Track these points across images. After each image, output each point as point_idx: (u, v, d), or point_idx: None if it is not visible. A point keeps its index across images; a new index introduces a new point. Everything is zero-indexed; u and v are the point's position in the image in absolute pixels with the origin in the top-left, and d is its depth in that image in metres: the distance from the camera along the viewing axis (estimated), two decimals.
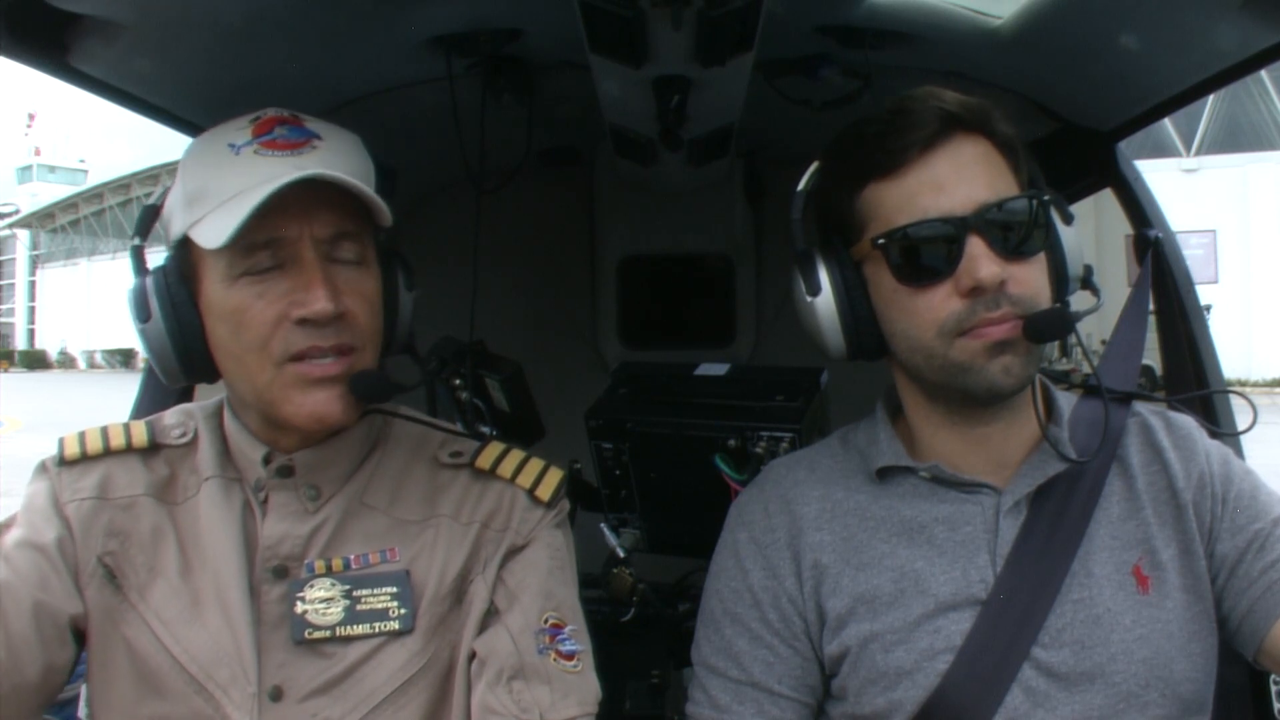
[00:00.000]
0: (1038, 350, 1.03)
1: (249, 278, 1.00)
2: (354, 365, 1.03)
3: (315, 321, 0.99)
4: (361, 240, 1.04)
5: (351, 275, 1.03)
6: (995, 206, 1.00)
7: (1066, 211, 1.08)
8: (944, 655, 1.02)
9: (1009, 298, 1.00)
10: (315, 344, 1.00)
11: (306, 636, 1.03)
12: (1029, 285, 1.01)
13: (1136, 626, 1.02)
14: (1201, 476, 1.08)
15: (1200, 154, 23.46)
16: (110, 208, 50.07)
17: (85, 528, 1.06)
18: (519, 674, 1.03)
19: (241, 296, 1.00)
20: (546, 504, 1.12)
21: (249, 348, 1.01)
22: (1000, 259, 1.00)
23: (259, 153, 1.00)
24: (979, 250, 0.99)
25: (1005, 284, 1.00)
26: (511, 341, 1.88)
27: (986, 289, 0.99)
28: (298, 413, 1.01)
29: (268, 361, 1.01)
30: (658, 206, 2.43)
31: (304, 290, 0.99)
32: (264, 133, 1.02)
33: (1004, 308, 1.00)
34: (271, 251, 1.00)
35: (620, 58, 1.42)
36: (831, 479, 1.13)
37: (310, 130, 1.04)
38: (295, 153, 1.01)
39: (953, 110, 1.03)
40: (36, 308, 61.82)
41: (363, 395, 1.03)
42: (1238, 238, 22.70)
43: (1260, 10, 1.21)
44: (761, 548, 1.11)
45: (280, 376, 1.01)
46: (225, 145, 1.02)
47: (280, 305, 1.00)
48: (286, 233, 1.00)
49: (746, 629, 1.10)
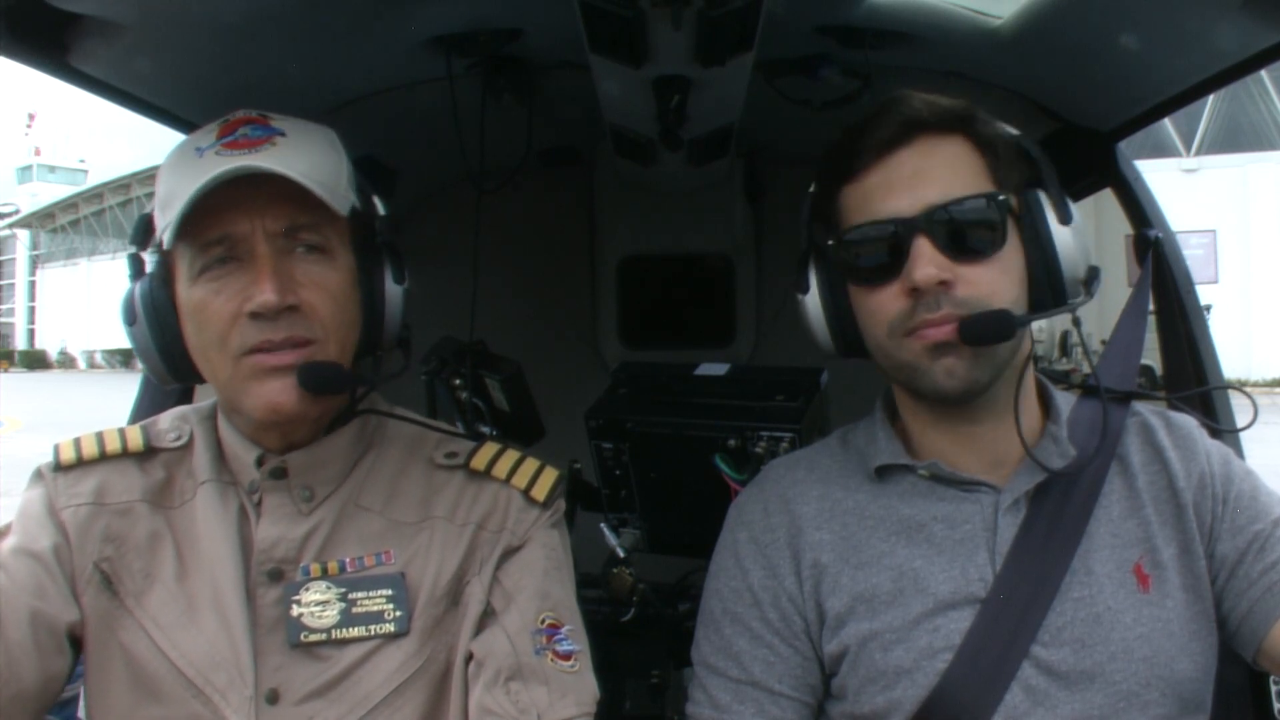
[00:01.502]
0: (989, 353, 1.02)
1: (207, 274, 1.01)
2: (311, 356, 1.02)
3: (264, 315, 0.99)
4: (323, 231, 1.04)
5: (311, 267, 1.03)
6: (942, 207, 1.01)
7: (1064, 211, 1.06)
8: (943, 654, 1.02)
9: (952, 299, 1.00)
10: (267, 337, 1.00)
11: (302, 639, 1.03)
12: (980, 287, 1.01)
13: (1137, 625, 1.02)
14: (1202, 476, 1.08)
15: (1200, 154, 23.46)
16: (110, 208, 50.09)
17: (81, 534, 1.06)
18: (516, 674, 1.03)
19: (202, 294, 1.01)
20: (542, 504, 1.12)
21: (210, 344, 1.02)
22: (948, 260, 1.00)
23: (219, 153, 1.01)
24: (922, 251, 1.01)
25: (951, 286, 1.00)
26: (511, 341, 1.88)
27: (924, 290, 1.00)
28: (255, 404, 1.02)
29: (227, 356, 1.01)
30: (658, 206, 2.43)
31: (254, 284, 1.00)
32: (228, 134, 1.03)
33: (944, 309, 1.01)
34: (226, 247, 1.01)
35: (620, 58, 1.42)
36: (831, 478, 1.13)
37: (274, 128, 1.04)
38: (251, 151, 1.01)
39: (913, 114, 1.04)
40: (36, 308, 61.82)
41: (311, 387, 1.02)
42: (1238, 238, 22.70)
43: (1260, 10, 1.21)
44: (761, 547, 1.11)
45: (239, 370, 1.01)
46: (193, 149, 1.03)
47: (236, 300, 1.00)
48: (237, 228, 1.00)
49: (746, 628, 1.10)
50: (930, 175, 1.03)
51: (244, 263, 1.01)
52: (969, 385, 1.02)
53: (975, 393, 1.04)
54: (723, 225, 2.49)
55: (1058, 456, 1.06)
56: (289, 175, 0.98)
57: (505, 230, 2.03)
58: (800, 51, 1.65)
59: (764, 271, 2.55)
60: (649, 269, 2.57)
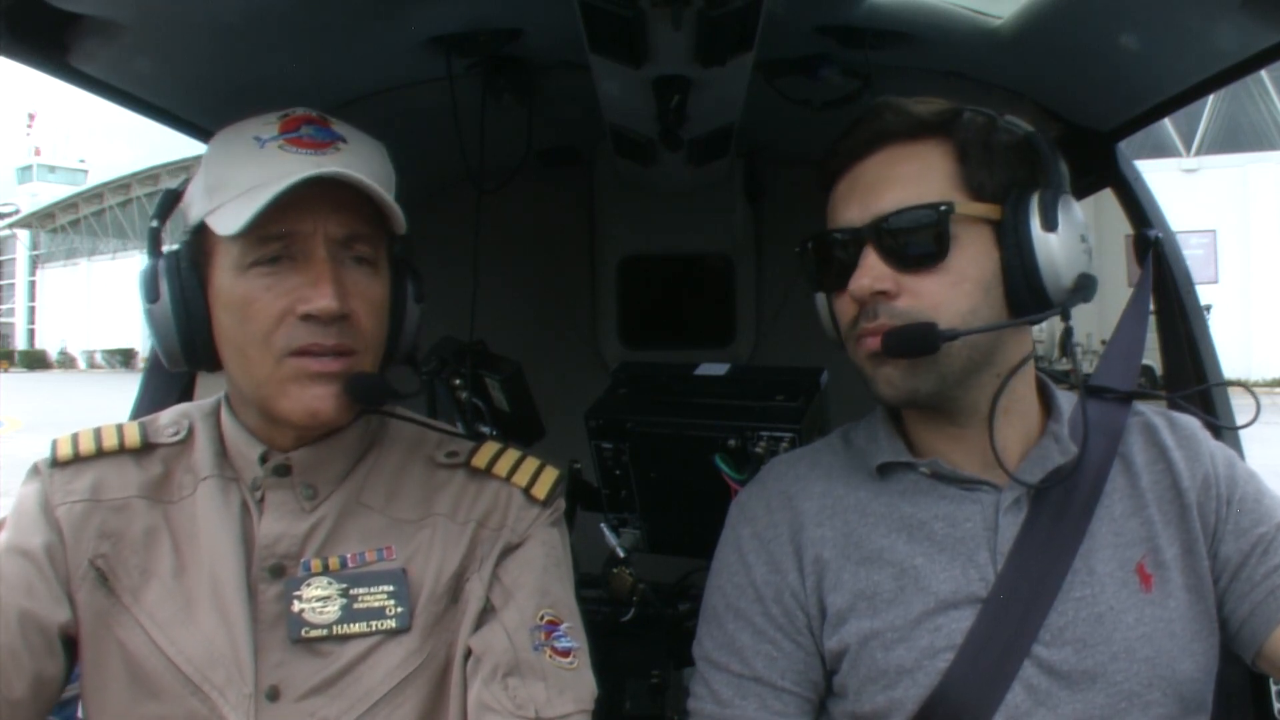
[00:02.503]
0: (928, 363, 1.02)
1: (259, 268, 1.01)
2: (352, 367, 1.03)
3: (319, 319, 1.00)
4: (374, 244, 1.05)
5: (361, 278, 1.03)
6: (890, 217, 1.02)
7: (1050, 217, 1.01)
8: (945, 654, 1.02)
9: (890, 310, 1.02)
10: (317, 341, 1.00)
11: (303, 635, 1.03)
12: (923, 298, 1.01)
13: (1139, 625, 1.02)
14: (1206, 477, 1.08)
15: (1200, 154, 23.46)
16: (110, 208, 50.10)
17: (77, 531, 1.06)
18: (514, 670, 1.03)
19: (250, 287, 1.01)
20: (542, 502, 1.12)
21: (252, 339, 1.01)
22: (892, 270, 1.02)
23: (283, 148, 1.01)
24: (867, 260, 1.03)
25: (894, 296, 1.02)
26: (511, 341, 1.88)
27: (861, 300, 1.03)
28: (294, 407, 1.02)
29: (269, 354, 1.01)
30: (658, 206, 2.43)
31: (311, 286, 0.99)
32: (290, 130, 1.02)
33: (880, 319, 1.02)
34: (284, 244, 1.00)
35: (620, 58, 1.43)
36: (833, 475, 1.13)
37: (336, 132, 1.04)
38: (318, 152, 1.01)
39: (881, 125, 1.05)
40: (36, 308, 61.81)
41: (358, 398, 1.03)
42: (1238, 238, 22.70)
43: (1260, 10, 1.21)
44: (764, 543, 1.11)
45: (280, 370, 1.01)
46: (251, 139, 1.02)
47: (287, 299, 1.00)
48: (301, 228, 1.00)
49: (749, 623, 1.09)
50: (888, 184, 1.04)
51: (298, 263, 1.01)
52: (908, 395, 1.04)
53: (918, 402, 1.05)
54: (723, 225, 2.49)
55: (1059, 454, 1.06)
56: (370, 185, 0.99)
57: (505, 230, 2.03)
58: (800, 51, 1.65)
59: (764, 271, 2.55)
60: (649, 269, 2.57)
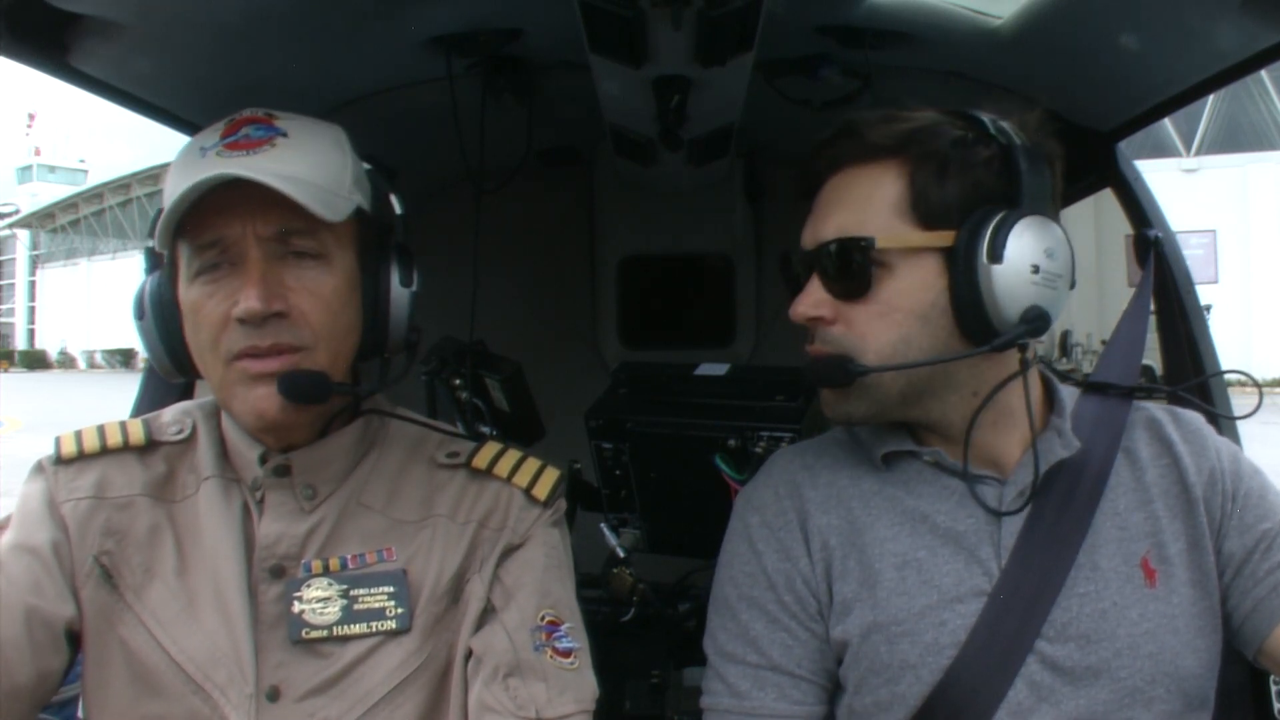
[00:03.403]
0: (859, 389, 1.04)
1: (202, 276, 1.01)
2: (298, 364, 1.01)
3: (250, 321, 0.99)
4: (318, 236, 1.02)
5: (305, 273, 1.02)
6: (824, 245, 1.05)
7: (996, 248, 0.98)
8: (949, 649, 1.02)
9: (823, 336, 1.06)
10: (253, 343, 1.00)
11: (304, 636, 1.03)
12: (854, 327, 1.04)
13: (1143, 621, 1.02)
14: (1212, 472, 1.08)
15: (1200, 154, 23.46)
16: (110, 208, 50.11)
17: (81, 528, 1.06)
18: (515, 671, 1.03)
19: (197, 295, 1.02)
20: (543, 503, 1.12)
21: (204, 345, 1.02)
22: (831, 298, 1.05)
23: (220, 154, 1.00)
24: (811, 285, 1.06)
25: (830, 322, 1.05)
26: (511, 341, 1.88)
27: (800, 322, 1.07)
28: (243, 409, 1.02)
29: (218, 360, 1.01)
30: (658, 206, 2.43)
31: (241, 290, 1.00)
32: (231, 133, 1.02)
33: (815, 344, 1.07)
34: (219, 250, 1.00)
35: (620, 58, 1.43)
36: (838, 465, 1.13)
37: (277, 128, 1.03)
38: (250, 152, 1.00)
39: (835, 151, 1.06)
40: (36, 308, 61.83)
41: (292, 396, 1.01)
42: (1238, 238, 22.70)
43: (1260, 10, 1.21)
44: (774, 530, 1.11)
45: (229, 374, 1.02)
46: (198, 149, 1.03)
47: (226, 304, 1.00)
48: (229, 231, 1.00)
49: (763, 612, 1.09)
50: (837, 209, 1.05)
51: (236, 266, 1.01)
52: (844, 417, 1.08)
53: (856, 422, 1.09)
54: (723, 225, 2.49)
55: (1061, 448, 1.06)
56: (268, 183, 0.96)
57: (505, 230, 2.03)
58: (800, 51, 1.65)
59: (764, 271, 2.55)
60: (649, 269, 2.57)
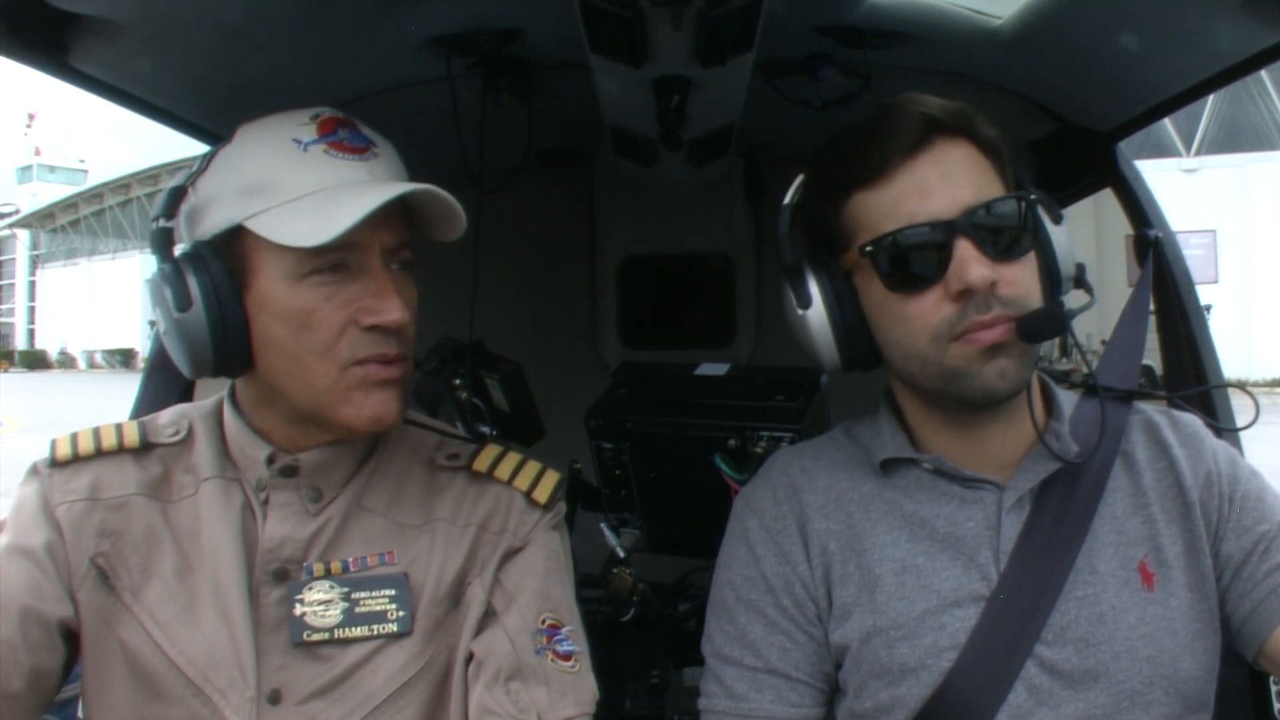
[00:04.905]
0: (1032, 351, 1.02)
1: (318, 277, 1.00)
2: (407, 371, 1.05)
3: (384, 329, 1.01)
4: (413, 249, 1.06)
5: (405, 286, 1.05)
6: (982, 209, 1.00)
7: (1055, 211, 1.08)
8: (948, 653, 1.02)
9: (1000, 299, 0.99)
10: (382, 351, 1.01)
11: (305, 639, 1.03)
12: (1019, 286, 1.01)
13: (1141, 624, 1.02)
14: (1209, 475, 1.08)
15: (1200, 154, 23.44)
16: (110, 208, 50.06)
17: (76, 530, 1.06)
18: (516, 674, 1.03)
19: (309, 297, 1.00)
20: (544, 506, 1.12)
21: (312, 349, 1.01)
22: (989, 261, 0.99)
23: (328, 153, 1.01)
24: (967, 253, 0.99)
25: (995, 286, 0.99)
26: (511, 341, 1.88)
27: (977, 291, 0.99)
28: (358, 414, 1.02)
29: (332, 364, 1.01)
30: (658, 206, 2.43)
31: (375, 298, 1.00)
32: (328, 133, 1.02)
33: (995, 310, 0.99)
34: (342, 254, 1.00)
35: (620, 58, 1.42)
36: (837, 469, 1.13)
37: (366, 136, 1.05)
38: (361, 158, 1.02)
39: (934, 115, 1.02)
40: (36, 308, 61.75)
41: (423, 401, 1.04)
42: (1238, 238, 22.68)
43: (1260, 10, 1.21)
44: (773, 534, 1.11)
45: (344, 379, 1.01)
46: (289, 140, 1.01)
47: (348, 310, 1.00)
48: (360, 238, 0.99)
49: (761, 615, 1.09)
50: (956, 177, 1.02)
51: (354, 272, 1.01)
52: (1018, 385, 1.02)
53: (1017, 393, 1.03)
54: (723, 225, 2.49)
55: (1060, 452, 1.06)
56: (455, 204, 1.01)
57: (505, 230, 2.03)
58: (800, 51, 1.65)
59: (764, 271, 2.55)
60: (649, 269, 2.57)
